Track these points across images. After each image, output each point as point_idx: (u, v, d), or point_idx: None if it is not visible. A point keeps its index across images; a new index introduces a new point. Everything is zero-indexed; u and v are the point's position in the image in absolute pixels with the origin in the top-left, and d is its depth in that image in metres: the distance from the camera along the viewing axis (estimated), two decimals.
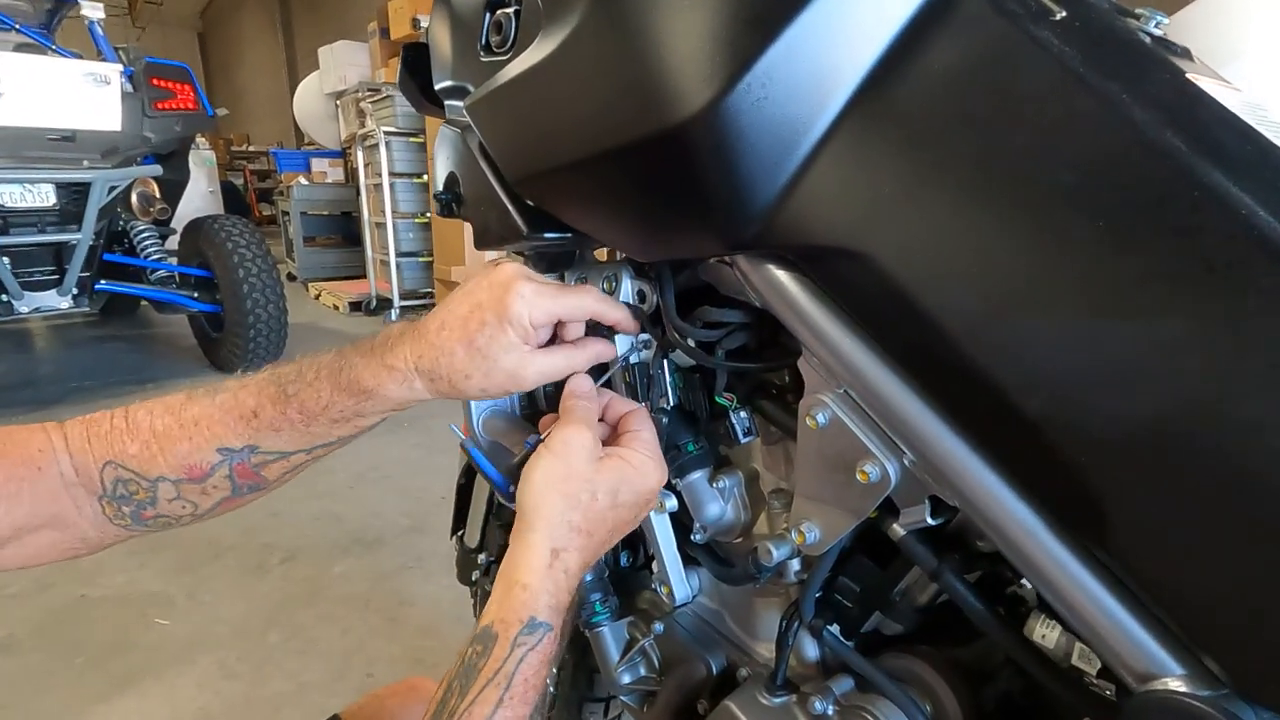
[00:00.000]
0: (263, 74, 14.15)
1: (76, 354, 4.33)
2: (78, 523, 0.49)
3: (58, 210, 3.02)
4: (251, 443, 0.50)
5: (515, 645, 0.43)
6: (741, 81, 0.38)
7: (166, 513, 0.51)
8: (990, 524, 0.38)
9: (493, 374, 0.49)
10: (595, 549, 0.48)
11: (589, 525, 0.47)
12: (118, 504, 0.50)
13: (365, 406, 0.50)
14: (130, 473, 0.49)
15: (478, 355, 0.48)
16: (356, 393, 0.49)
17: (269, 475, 0.52)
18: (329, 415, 0.50)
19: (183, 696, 1.42)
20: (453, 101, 0.63)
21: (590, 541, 0.47)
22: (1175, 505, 0.32)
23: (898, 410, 0.41)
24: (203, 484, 0.50)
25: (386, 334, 0.51)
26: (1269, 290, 0.29)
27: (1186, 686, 0.33)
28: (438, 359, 0.48)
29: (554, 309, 0.49)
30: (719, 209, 0.42)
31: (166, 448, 0.49)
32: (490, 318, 0.48)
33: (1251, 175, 0.31)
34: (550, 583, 0.45)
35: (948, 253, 0.36)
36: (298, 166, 6.86)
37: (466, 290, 0.50)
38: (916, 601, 0.52)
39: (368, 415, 0.51)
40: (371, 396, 0.50)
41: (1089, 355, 0.33)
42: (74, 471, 0.49)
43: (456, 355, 0.48)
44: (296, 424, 0.50)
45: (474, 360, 0.48)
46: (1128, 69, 0.35)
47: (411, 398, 0.50)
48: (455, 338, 0.48)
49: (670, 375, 0.57)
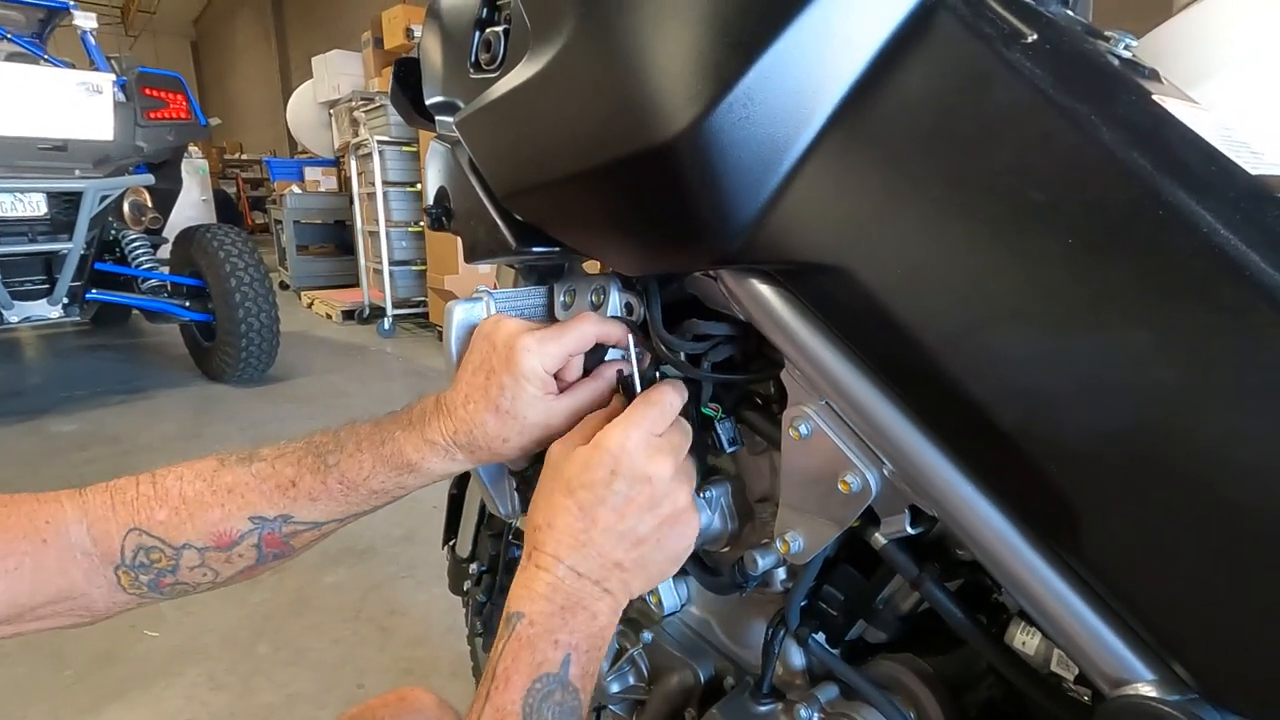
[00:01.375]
0: (256, 83, 14.15)
1: (66, 363, 4.31)
2: (87, 593, 0.48)
3: (49, 219, 3.01)
4: (286, 512, 0.50)
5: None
6: (724, 101, 0.39)
7: (186, 580, 0.50)
8: (967, 533, 0.39)
9: (527, 431, 0.50)
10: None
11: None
12: (135, 572, 0.48)
13: (408, 480, 0.51)
14: (155, 539, 0.48)
15: (507, 418, 0.49)
16: (400, 466, 0.50)
17: (297, 544, 0.52)
18: (369, 486, 0.51)
19: (170, 708, 1.41)
20: (443, 117, 0.64)
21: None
22: (1144, 515, 0.33)
23: (877, 421, 0.41)
24: (229, 552, 0.50)
25: (422, 408, 0.52)
26: (1231, 306, 0.30)
27: (1156, 691, 0.34)
28: (472, 431, 0.50)
29: (561, 350, 0.50)
30: (703, 225, 0.43)
31: (196, 514, 0.49)
32: (507, 380, 0.49)
33: (1214, 195, 0.32)
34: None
35: (924, 268, 0.37)
36: (291, 175, 6.86)
37: (476, 362, 0.51)
38: (899, 610, 0.53)
39: (409, 486, 0.52)
40: (415, 470, 0.51)
41: (1060, 369, 0.34)
42: (90, 541, 0.47)
43: (488, 425, 0.50)
44: (336, 494, 0.50)
45: (505, 424, 0.50)
46: (1096, 91, 0.36)
47: (456, 469, 0.52)
48: (482, 408, 0.50)
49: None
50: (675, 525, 0.47)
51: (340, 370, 3.92)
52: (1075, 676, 0.41)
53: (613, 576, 0.46)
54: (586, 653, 0.44)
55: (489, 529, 0.94)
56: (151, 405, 3.33)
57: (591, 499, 0.45)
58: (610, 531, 0.45)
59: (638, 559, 0.46)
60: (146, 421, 3.07)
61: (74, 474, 2.47)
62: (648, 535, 0.46)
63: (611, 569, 0.46)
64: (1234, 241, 0.30)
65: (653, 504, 0.46)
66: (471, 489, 0.96)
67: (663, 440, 0.47)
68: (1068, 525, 0.35)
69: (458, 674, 1.45)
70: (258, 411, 3.20)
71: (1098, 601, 0.36)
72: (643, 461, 0.46)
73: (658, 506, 0.46)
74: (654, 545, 0.47)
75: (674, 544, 0.48)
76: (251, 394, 3.47)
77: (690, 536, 0.49)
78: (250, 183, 11.03)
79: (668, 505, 0.47)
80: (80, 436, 2.88)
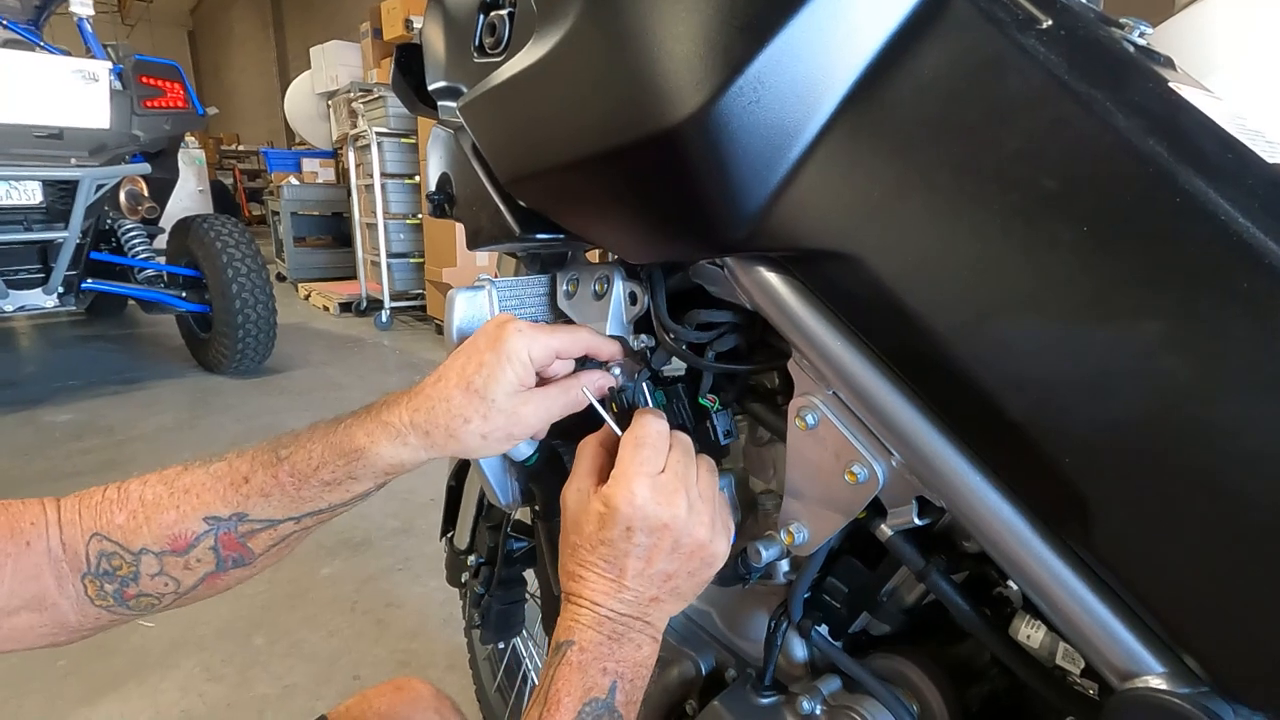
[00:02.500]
0: (253, 73, 14.08)
1: (62, 353, 4.29)
2: (59, 603, 0.47)
3: (44, 208, 2.98)
4: (240, 510, 0.48)
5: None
6: (734, 85, 0.38)
7: (149, 590, 0.48)
8: (976, 524, 0.39)
9: (491, 415, 0.48)
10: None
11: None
12: (100, 581, 0.47)
13: (356, 468, 0.48)
14: (114, 544, 0.47)
15: (475, 397, 0.48)
16: (348, 451, 0.48)
17: (255, 547, 0.50)
18: (320, 477, 0.48)
19: (166, 700, 1.40)
20: (446, 102, 0.63)
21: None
22: (1156, 506, 0.32)
23: (885, 412, 0.41)
24: (185, 556, 0.48)
25: (388, 396, 0.50)
26: (1246, 295, 0.30)
27: (1167, 684, 0.33)
28: (433, 407, 0.48)
29: (551, 343, 0.50)
30: (710, 211, 0.42)
31: (152, 517, 0.47)
32: (489, 357, 0.48)
33: (1230, 182, 0.32)
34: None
35: (935, 256, 0.37)
36: (288, 166, 6.82)
37: (462, 346, 0.50)
38: (904, 602, 0.53)
39: (360, 479, 0.49)
40: (363, 455, 0.48)
41: (1072, 358, 0.33)
42: (61, 546, 0.47)
43: (453, 400, 0.48)
44: (287, 488, 0.48)
45: (471, 402, 0.48)
46: (1112, 77, 0.36)
47: (404, 457, 0.48)
48: (452, 384, 0.48)
49: (652, 394, 0.57)
50: (703, 554, 0.48)
51: (337, 363, 3.91)
52: (1081, 670, 0.40)
53: (651, 609, 0.48)
54: (631, 681, 0.46)
55: (488, 520, 0.93)
56: (147, 396, 3.31)
57: (614, 553, 0.46)
58: (640, 576, 0.47)
59: (671, 590, 0.48)
60: (142, 412, 3.05)
61: (68, 464, 2.46)
62: (677, 570, 0.47)
63: (648, 604, 0.47)
64: (1251, 229, 0.30)
65: (675, 545, 0.47)
66: (470, 480, 0.95)
67: (667, 477, 0.47)
68: (1078, 516, 0.34)
69: (454, 666, 1.45)
70: (254, 403, 3.19)
71: (1107, 593, 0.35)
72: (655, 511, 0.46)
73: (680, 546, 0.47)
74: (685, 576, 0.48)
75: (704, 571, 0.49)
76: (248, 385, 3.45)
77: (721, 554, 0.49)
78: (247, 174, 10.96)
79: (689, 541, 0.47)
80: (75, 427, 2.87)
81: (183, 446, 2.63)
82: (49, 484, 2.29)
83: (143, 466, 2.39)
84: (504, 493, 0.63)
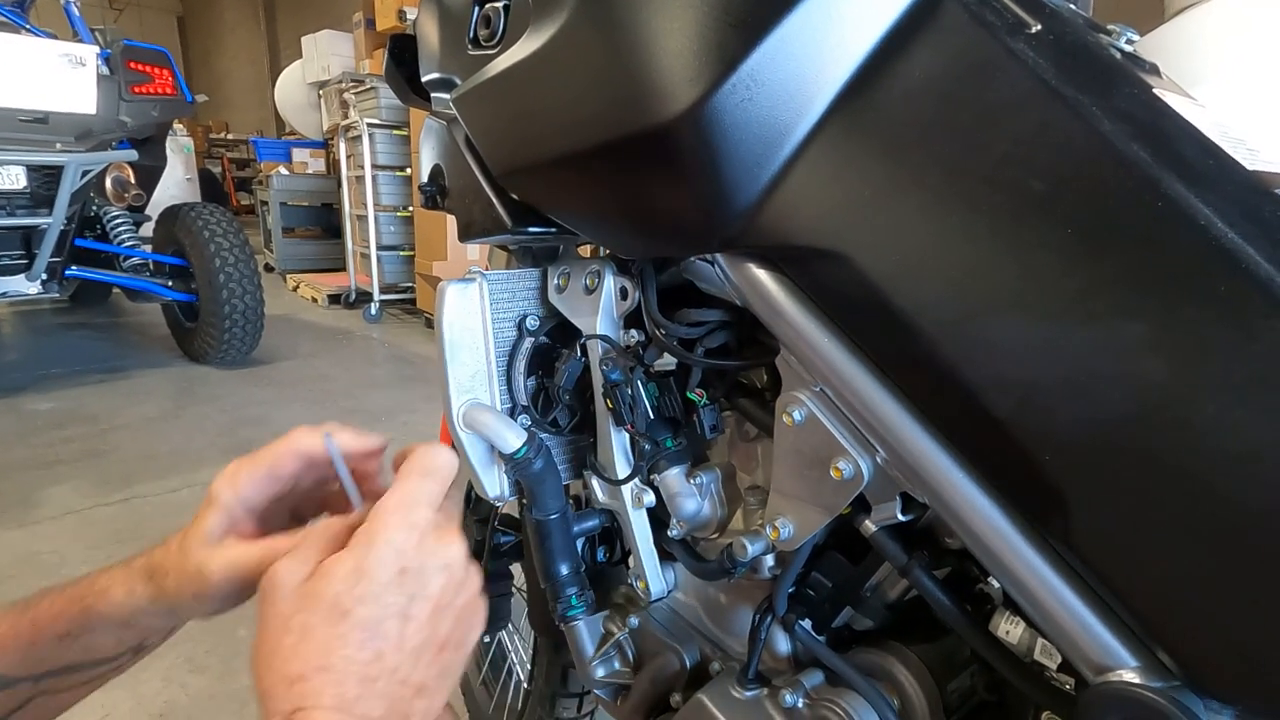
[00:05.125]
0: (243, 61, 13.93)
1: (45, 341, 4.23)
2: None
3: (28, 193, 2.94)
4: None
5: None
6: (728, 82, 0.39)
7: None
8: (958, 519, 0.39)
9: (184, 567, 0.39)
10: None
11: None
12: None
13: (91, 618, 0.40)
14: None
15: (185, 546, 0.40)
16: (82, 595, 0.40)
17: None
18: (54, 629, 0.40)
19: (147, 691, 1.39)
20: (439, 94, 0.63)
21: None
22: (1133, 503, 0.33)
23: (871, 408, 0.42)
24: None
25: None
26: (1225, 298, 0.30)
27: (1140, 678, 0.34)
28: (167, 553, 0.40)
29: (253, 469, 0.41)
30: (701, 207, 0.43)
31: None
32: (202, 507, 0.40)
33: (1211, 188, 0.32)
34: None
35: (922, 255, 0.37)
36: (278, 156, 6.76)
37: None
38: (886, 597, 0.53)
39: (95, 630, 0.41)
40: (95, 600, 0.40)
41: (1055, 358, 0.34)
42: None
43: (170, 546, 0.40)
44: (24, 637, 0.41)
45: (182, 554, 0.39)
46: (1098, 82, 0.36)
47: (131, 606, 0.40)
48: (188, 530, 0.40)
49: (646, 392, 0.57)
50: (475, 614, 0.38)
51: (325, 355, 3.88)
52: (1058, 665, 0.41)
53: (415, 708, 0.34)
54: None
55: (474, 514, 0.93)
56: (131, 385, 3.28)
57: (379, 613, 0.33)
58: (411, 649, 0.34)
59: (441, 670, 0.36)
60: (125, 401, 3.02)
61: (50, 453, 2.43)
62: (450, 635, 0.36)
63: (412, 698, 0.34)
64: (1230, 235, 0.31)
65: (457, 593, 0.37)
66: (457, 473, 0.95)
67: (444, 514, 0.38)
68: (1058, 513, 0.35)
69: None
70: (239, 394, 3.17)
71: (1084, 589, 0.36)
72: (436, 546, 0.36)
73: (459, 595, 0.37)
74: (455, 646, 0.37)
75: (471, 638, 0.38)
76: (234, 376, 3.42)
77: (482, 621, 0.39)
78: (236, 163, 10.86)
79: (468, 590, 0.38)
80: (58, 415, 2.83)
81: (166, 436, 2.61)
82: (31, 472, 2.26)
83: (126, 455, 2.36)
84: (492, 486, 0.63)
